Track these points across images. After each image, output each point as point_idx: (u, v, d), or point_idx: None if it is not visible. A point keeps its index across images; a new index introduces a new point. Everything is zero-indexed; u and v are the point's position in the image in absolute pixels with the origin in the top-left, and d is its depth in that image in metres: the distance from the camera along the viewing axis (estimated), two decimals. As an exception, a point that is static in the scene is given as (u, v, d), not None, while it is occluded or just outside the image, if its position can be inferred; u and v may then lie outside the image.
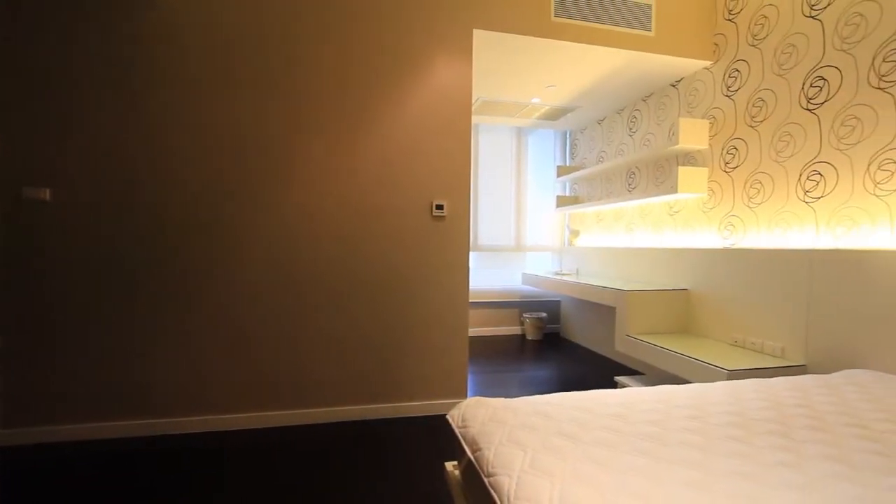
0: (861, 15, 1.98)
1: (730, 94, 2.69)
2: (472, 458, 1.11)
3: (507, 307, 4.63)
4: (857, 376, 1.70)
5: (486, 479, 0.99)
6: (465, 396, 2.52)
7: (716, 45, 2.79)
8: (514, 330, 4.64)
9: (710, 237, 2.84)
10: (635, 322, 2.78)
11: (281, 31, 2.22)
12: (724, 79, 2.74)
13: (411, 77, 2.38)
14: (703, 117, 2.89)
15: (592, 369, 3.38)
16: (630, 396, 1.41)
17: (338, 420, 2.33)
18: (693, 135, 2.82)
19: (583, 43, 2.59)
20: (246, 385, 2.24)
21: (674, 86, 3.17)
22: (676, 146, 2.85)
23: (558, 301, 4.67)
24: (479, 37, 2.52)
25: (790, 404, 1.37)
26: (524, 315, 4.45)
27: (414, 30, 2.37)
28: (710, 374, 2.11)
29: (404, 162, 2.39)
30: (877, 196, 1.92)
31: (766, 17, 2.45)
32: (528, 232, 4.71)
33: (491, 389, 2.90)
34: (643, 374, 3.17)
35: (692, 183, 2.83)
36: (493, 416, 1.22)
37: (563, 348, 4.05)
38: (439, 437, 2.17)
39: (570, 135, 4.68)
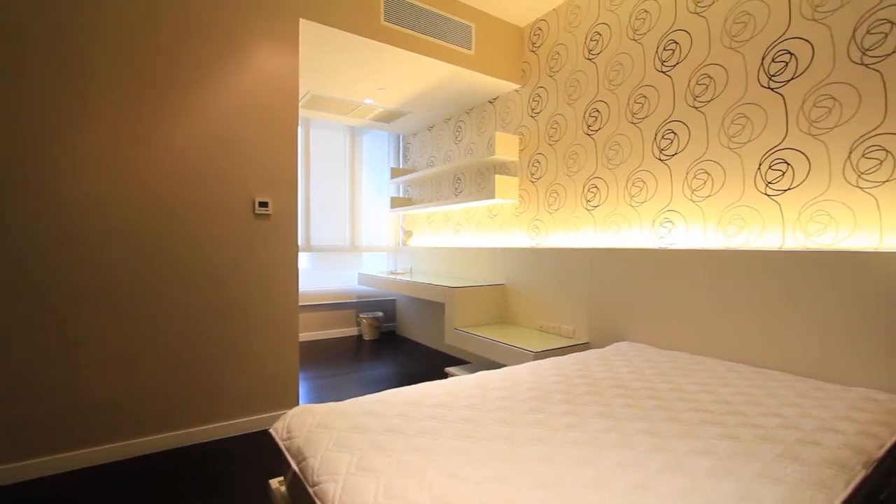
0: (623, 60, 2.52)
1: (534, 114, 3.13)
2: (296, 469, 1.06)
3: (344, 308, 4.55)
4: (622, 347, 2.16)
5: (310, 490, 0.96)
6: (297, 405, 2.39)
7: (523, 71, 3.22)
8: (352, 331, 4.59)
9: (521, 238, 3.26)
10: (462, 316, 3.02)
11: (44, -22, 1.76)
12: (529, 101, 3.17)
13: (230, 61, 2.14)
14: (514, 133, 3.30)
15: (426, 363, 3.55)
16: (453, 385, 1.52)
17: (144, 453, 1.96)
18: (507, 147, 3.20)
19: (410, 51, 2.70)
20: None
21: (491, 102, 3.54)
22: (493, 156, 3.20)
23: (394, 300, 4.78)
24: (308, 28, 2.41)
25: (575, 375, 1.66)
26: (361, 315, 4.43)
27: (236, 9, 2.14)
28: (521, 356, 2.42)
29: (221, 154, 2.14)
30: (631, 207, 2.47)
31: (558, 53, 2.93)
32: (363, 232, 4.70)
33: (327, 394, 2.81)
34: (470, 362, 3.46)
35: (506, 190, 3.21)
36: (320, 423, 1.18)
37: (399, 346, 4.17)
38: (269, 453, 2.00)
39: (403, 138, 4.83)
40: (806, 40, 1.81)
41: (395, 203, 4.60)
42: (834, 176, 1.74)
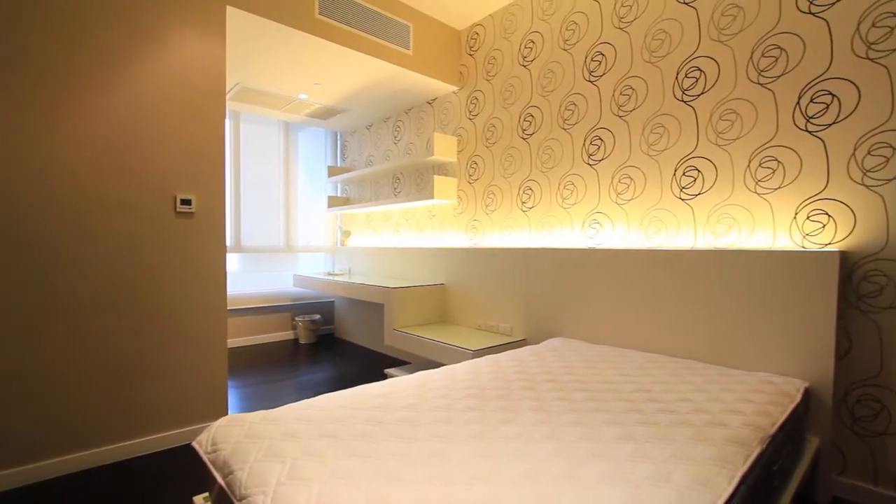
0: (555, 68, 2.63)
1: (471, 117, 3.18)
2: (222, 483, 1.00)
3: (279, 311, 4.37)
4: (555, 343, 2.25)
5: (238, 504, 0.91)
6: (227, 416, 2.25)
7: (461, 73, 3.26)
8: (287, 335, 4.41)
9: (459, 238, 3.30)
10: (401, 316, 3.01)
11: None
12: (467, 103, 3.22)
13: (148, 48, 1.97)
14: (452, 134, 3.34)
15: (366, 365, 3.50)
16: (391, 386, 1.51)
17: (44, 479, 1.76)
18: (445, 148, 3.23)
19: (346, 47, 2.64)
20: None
21: (430, 103, 3.56)
22: (432, 157, 3.22)
23: (332, 301, 4.66)
24: (237, 17, 2.29)
25: (511, 372, 1.71)
26: (297, 318, 4.27)
27: (148, -10, 1.98)
28: (460, 355, 2.45)
29: (135, 148, 1.97)
30: (563, 209, 2.59)
31: (495, 58, 3.00)
32: (299, 232, 4.54)
33: (260, 402, 2.67)
34: (410, 363, 3.45)
35: (445, 190, 3.24)
36: (249, 433, 1.12)
37: (338, 348, 4.07)
38: (194, 469, 1.87)
39: (341, 136, 4.72)
40: (713, 59, 1.99)
41: (333, 202, 4.48)
42: (736, 182, 1.93)
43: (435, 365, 2.91)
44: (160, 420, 2.05)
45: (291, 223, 4.46)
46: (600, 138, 2.41)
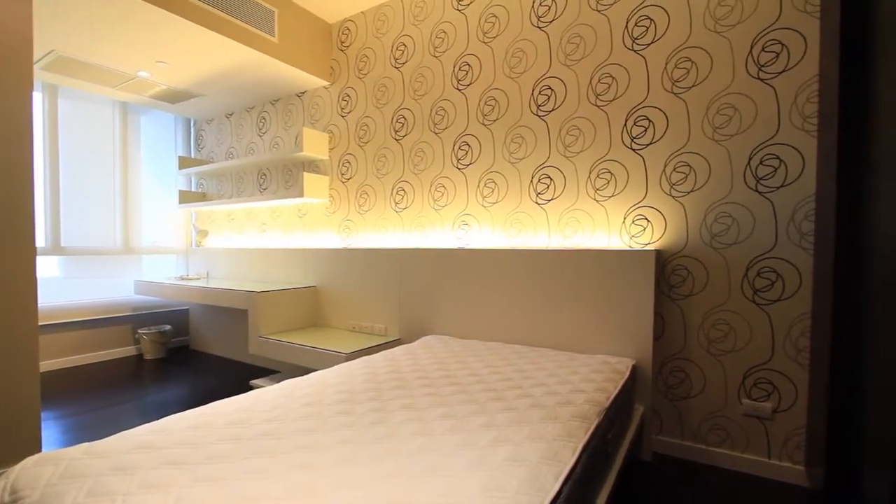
0: (425, 73, 2.70)
1: (343, 114, 3.11)
2: (27, 540, 0.82)
3: (116, 324, 3.72)
4: (429, 340, 2.32)
5: (49, 561, 0.75)
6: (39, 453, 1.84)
7: (332, 68, 3.16)
8: (128, 350, 3.78)
9: (332, 238, 3.20)
10: (268, 322, 2.80)
11: None
12: (338, 100, 3.13)
13: None
14: (324, 130, 3.22)
15: (228, 378, 3.17)
16: (253, 399, 1.40)
17: None
18: (316, 145, 3.10)
19: (198, 24, 2.37)
20: None
21: (299, 96, 3.37)
22: (302, 153, 3.06)
23: (186, 309, 4.13)
24: (48, -29, 1.89)
25: (384, 372, 1.72)
26: (140, 331, 3.69)
27: None
28: (333, 359, 2.38)
29: None
30: (435, 210, 2.68)
31: (367, 56, 2.97)
32: (142, 231, 3.92)
33: (88, 433, 2.25)
34: (280, 371, 3.24)
35: (316, 189, 3.11)
36: (66, 472, 0.94)
37: (193, 362, 3.62)
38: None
39: (195, 123, 4.21)
40: (561, 80, 2.25)
41: (186, 198, 3.98)
42: (581, 190, 2.21)
43: (307, 372, 2.77)
44: (-66, 472, 1.59)
45: (132, 221, 3.84)
46: (468, 144, 2.55)
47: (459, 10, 2.57)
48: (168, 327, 3.81)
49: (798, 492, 1.73)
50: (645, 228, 2.06)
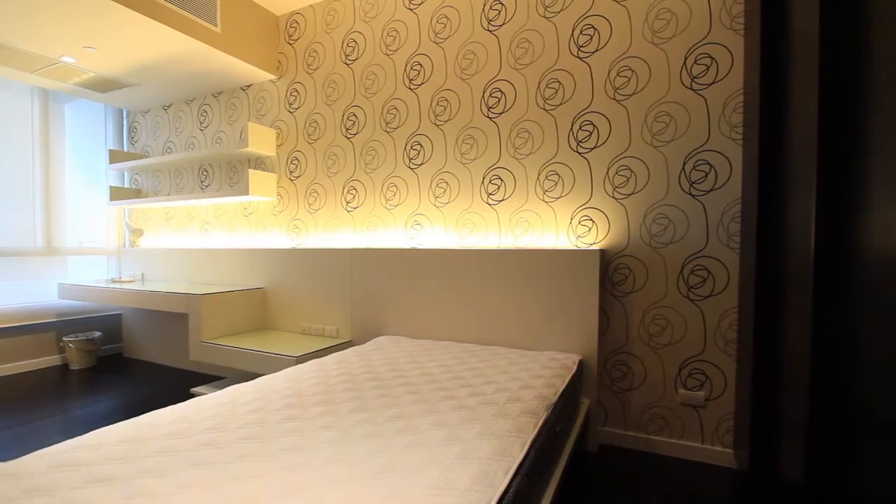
0: (377, 71, 2.67)
1: (292, 110, 3.01)
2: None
3: (37, 331, 3.40)
4: (381, 341, 2.29)
5: None
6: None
7: (279, 62, 3.05)
8: (52, 360, 3.47)
9: (280, 238, 3.09)
10: (211, 326, 2.66)
11: None
12: (286, 95, 3.03)
13: None
14: (271, 126, 3.10)
15: (167, 387, 2.99)
16: (193, 407, 1.33)
17: None
18: (262, 141, 2.98)
19: (131, 9, 2.21)
20: None
21: (244, 90, 3.23)
22: (247, 149, 2.93)
23: (119, 314, 3.85)
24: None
25: (334, 374, 1.68)
26: (66, 339, 3.39)
27: None
28: (281, 363, 2.30)
29: None
30: (387, 210, 2.65)
31: (316, 51, 2.90)
32: (66, 230, 3.61)
33: (6, 453, 2.04)
34: (225, 377, 3.09)
35: (263, 187, 2.99)
36: (-28, 498, 0.85)
37: (128, 371, 3.37)
38: None
39: (127, 115, 3.93)
40: (511, 83, 2.30)
41: (118, 194, 3.70)
42: (530, 191, 2.26)
43: (253, 377, 2.66)
44: None
45: (54, 218, 3.52)
46: (420, 144, 2.54)
47: (411, 10, 2.56)
48: (98, 334, 3.53)
49: (728, 473, 1.87)
50: (590, 229, 2.14)
